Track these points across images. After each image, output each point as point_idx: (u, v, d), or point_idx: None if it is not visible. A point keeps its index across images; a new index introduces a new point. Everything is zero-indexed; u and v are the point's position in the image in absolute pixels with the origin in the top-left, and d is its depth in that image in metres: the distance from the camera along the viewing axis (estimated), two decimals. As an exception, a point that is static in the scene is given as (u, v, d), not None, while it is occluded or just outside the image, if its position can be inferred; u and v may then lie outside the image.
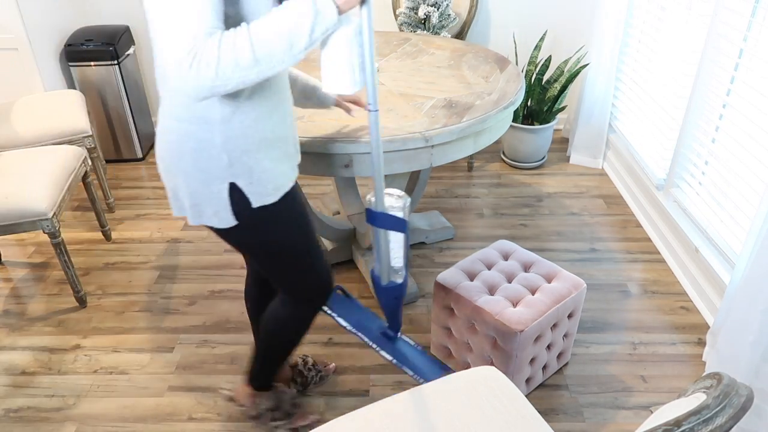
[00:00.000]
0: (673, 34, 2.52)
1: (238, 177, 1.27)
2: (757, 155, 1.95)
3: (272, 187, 1.32)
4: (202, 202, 1.31)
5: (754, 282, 1.68)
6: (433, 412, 1.30)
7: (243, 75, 1.08)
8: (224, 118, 1.22)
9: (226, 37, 1.06)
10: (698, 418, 0.81)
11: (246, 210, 1.31)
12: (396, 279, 1.61)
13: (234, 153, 1.25)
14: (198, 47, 1.04)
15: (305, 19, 1.09)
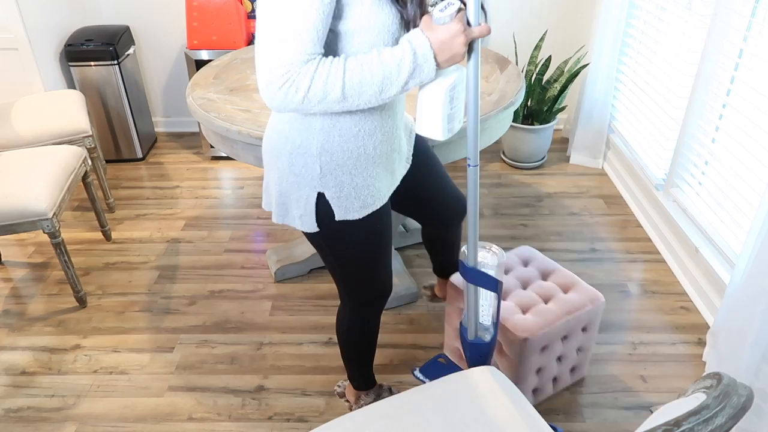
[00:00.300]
0: (673, 34, 2.52)
1: (327, 188, 1.28)
2: (757, 155, 1.95)
3: (359, 205, 1.32)
4: (290, 203, 1.33)
5: (754, 282, 1.68)
6: (433, 412, 1.30)
7: (328, 107, 1.12)
8: (324, 129, 1.22)
9: (321, 67, 1.07)
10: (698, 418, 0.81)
11: (328, 220, 1.33)
12: (483, 336, 1.54)
13: (328, 165, 1.25)
14: (292, 72, 1.06)
15: (402, 71, 1.09)
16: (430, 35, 1.09)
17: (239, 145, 1.82)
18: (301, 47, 1.05)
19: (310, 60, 1.07)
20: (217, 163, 3.37)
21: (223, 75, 2.16)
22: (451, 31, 1.08)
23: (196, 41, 3.05)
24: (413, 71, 1.10)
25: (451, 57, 1.10)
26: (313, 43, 1.06)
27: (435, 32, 1.08)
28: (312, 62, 1.07)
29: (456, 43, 1.08)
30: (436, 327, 2.18)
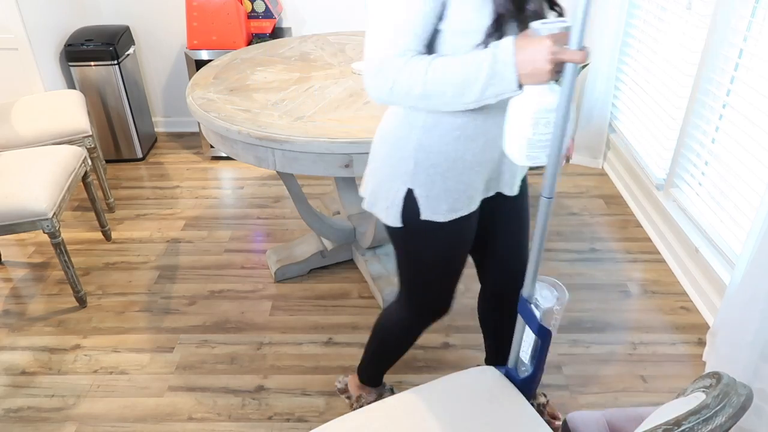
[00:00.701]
0: (673, 34, 2.52)
1: (417, 185, 1.27)
2: (757, 155, 1.95)
3: (446, 208, 1.29)
4: (380, 193, 1.33)
5: (753, 282, 1.68)
6: (432, 412, 1.30)
7: (413, 102, 1.12)
8: (425, 127, 1.21)
9: (410, 63, 1.08)
10: (698, 418, 0.81)
11: (413, 217, 1.31)
12: (520, 370, 1.44)
13: (422, 163, 1.24)
14: (385, 63, 1.09)
15: (480, 75, 1.04)
16: (518, 43, 1.02)
17: (239, 145, 1.82)
18: (396, 41, 1.08)
19: (401, 54, 1.08)
20: (217, 163, 3.37)
21: (223, 75, 2.16)
22: (537, 44, 1.00)
23: (196, 41, 3.05)
24: (491, 77, 1.04)
25: (532, 72, 1.01)
26: (410, 40, 1.08)
27: (523, 42, 1.02)
28: (404, 57, 1.08)
29: (539, 58, 0.99)
30: (436, 327, 2.18)
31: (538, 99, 1.04)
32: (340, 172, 1.77)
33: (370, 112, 1.86)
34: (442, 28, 1.11)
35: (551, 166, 1.14)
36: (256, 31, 3.16)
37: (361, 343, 2.11)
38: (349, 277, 2.45)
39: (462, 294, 2.34)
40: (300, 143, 1.70)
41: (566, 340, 2.11)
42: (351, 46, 2.46)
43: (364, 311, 2.26)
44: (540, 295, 1.34)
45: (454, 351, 2.08)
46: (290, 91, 2.02)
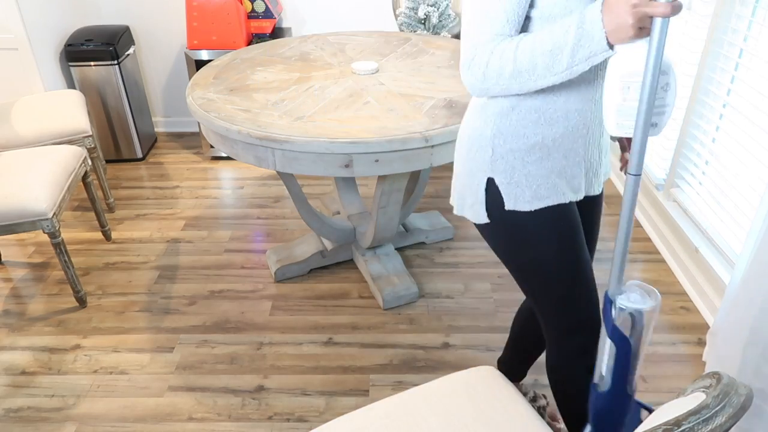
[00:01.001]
0: (673, 34, 2.52)
1: (497, 173, 1.23)
2: (757, 155, 1.95)
3: (530, 195, 1.23)
4: (465, 191, 1.31)
5: (753, 282, 1.68)
6: (432, 412, 1.30)
7: (505, 84, 1.10)
8: (501, 112, 1.20)
9: (501, 46, 1.08)
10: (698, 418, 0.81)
11: (498, 210, 1.25)
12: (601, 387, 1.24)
13: (500, 149, 1.22)
14: (478, 51, 1.09)
15: (568, 38, 1.00)
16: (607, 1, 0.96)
17: (239, 145, 1.82)
18: (488, 28, 1.08)
19: (495, 39, 1.09)
20: (217, 163, 3.37)
21: (223, 75, 2.17)
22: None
23: (196, 41, 3.06)
24: (580, 37, 0.99)
25: (616, 28, 0.94)
26: (502, 25, 1.08)
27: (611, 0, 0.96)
28: (495, 41, 1.08)
29: (622, 11, 0.93)
30: (436, 327, 2.18)
31: (628, 60, 0.98)
32: (340, 172, 1.77)
33: (370, 112, 1.87)
34: (533, 15, 1.11)
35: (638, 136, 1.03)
36: (256, 31, 3.16)
37: (361, 343, 2.11)
38: (349, 277, 2.45)
39: (462, 294, 2.34)
40: (300, 143, 1.71)
41: (566, 340, 2.11)
42: (351, 46, 2.46)
43: (364, 311, 2.26)
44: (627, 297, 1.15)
45: (454, 351, 2.08)
46: (290, 91, 2.02)
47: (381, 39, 2.56)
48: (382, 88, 2.05)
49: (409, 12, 3.11)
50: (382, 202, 2.12)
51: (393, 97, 1.97)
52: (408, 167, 1.80)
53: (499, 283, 2.39)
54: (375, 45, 2.48)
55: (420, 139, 1.72)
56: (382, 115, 1.84)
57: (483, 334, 2.15)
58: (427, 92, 2.00)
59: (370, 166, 1.76)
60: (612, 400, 1.24)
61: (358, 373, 2.00)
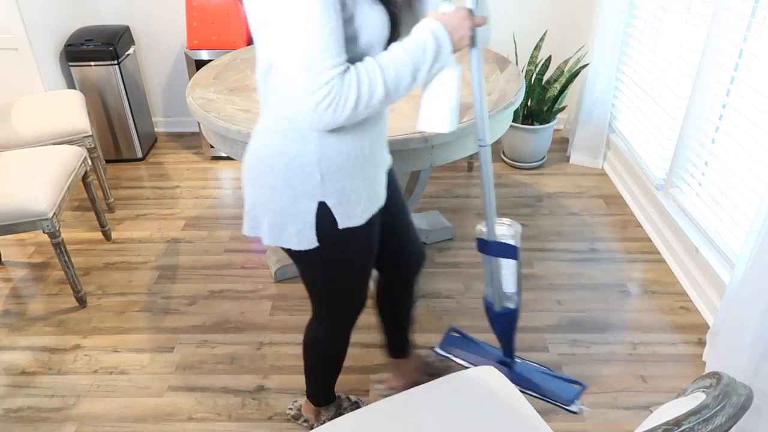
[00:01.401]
0: (673, 34, 2.52)
1: (328, 196, 1.23)
2: (757, 155, 1.95)
3: (361, 209, 1.27)
4: (286, 220, 1.26)
5: (753, 282, 1.68)
6: (432, 412, 1.30)
7: (372, 109, 1.12)
8: (321, 134, 1.18)
9: (360, 74, 1.07)
10: (698, 418, 0.81)
11: (330, 230, 1.27)
12: (509, 304, 1.65)
13: (328, 170, 1.21)
14: (334, 88, 1.05)
15: (428, 54, 1.13)
16: (442, 19, 1.15)
17: (239, 145, 1.82)
18: (333, 60, 1.04)
19: (345, 70, 1.06)
20: (217, 163, 3.37)
21: (223, 75, 2.16)
22: (459, 14, 1.18)
23: (196, 41, 3.06)
24: (437, 52, 1.14)
25: (461, 38, 1.18)
26: (340, 52, 1.05)
27: (445, 17, 1.16)
28: (348, 72, 1.06)
29: (464, 25, 1.17)
30: (436, 327, 2.18)
31: (456, 69, 1.20)
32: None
33: (370, 112, 1.86)
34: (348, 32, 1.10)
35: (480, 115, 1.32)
36: (256, 31, 3.16)
37: (361, 343, 2.11)
38: (349, 277, 2.45)
39: (462, 294, 2.34)
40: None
41: (566, 340, 2.11)
42: (351, 46, 2.45)
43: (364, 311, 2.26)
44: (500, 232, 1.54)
45: (454, 351, 2.08)
46: (290, 91, 2.02)
47: (381, 39, 2.56)
48: (382, 88, 2.04)
49: (409, 12, 3.11)
50: (382, 202, 2.12)
51: (393, 97, 1.97)
52: (408, 167, 1.80)
53: (499, 283, 2.39)
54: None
55: (420, 139, 1.72)
56: (382, 115, 1.84)
57: (483, 334, 2.14)
58: (427, 92, 2.00)
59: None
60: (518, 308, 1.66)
61: (358, 373, 2.00)
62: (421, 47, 1.13)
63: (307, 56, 1.03)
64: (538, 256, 2.55)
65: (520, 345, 2.09)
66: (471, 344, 1.98)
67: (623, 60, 3.00)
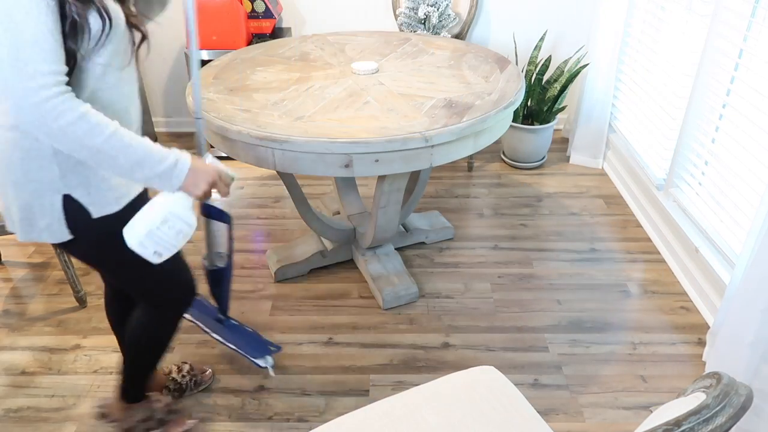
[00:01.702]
0: (672, 34, 2.52)
1: (73, 188, 1.22)
2: (757, 155, 1.95)
3: (114, 197, 1.27)
4: (34, 214, 1.24)
5: (753, 282, 1.68)
6: (432, 412, 1.30)
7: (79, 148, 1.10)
8: None
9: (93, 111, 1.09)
10: (698, 418, 0.81)
11: (84, 221, 1.26)
12: (219, 263, 1.84)
13: (66, 163, 1.20)
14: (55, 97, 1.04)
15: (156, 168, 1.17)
16: (194, 161, 1.23)
17: (239, 145, 1.82)
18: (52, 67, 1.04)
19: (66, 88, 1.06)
20: (217, 163, 3.36)
21: (223, 75, 2.16)
22: (209, 170, 1.25)
23: (196, 41, 3.05)
24: (164, 174, 1.18)
25: (194, 185, 1.22)
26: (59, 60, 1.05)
27: (198, 162, 1.24)
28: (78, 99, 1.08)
29: (203, 178, 1.24)
30: (436, 327, 2.18)
31: (179, 204, 1.23)
32: (340, 172, 1.77)
33: (370, 112, 1.87)
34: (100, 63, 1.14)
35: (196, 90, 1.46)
36: (256, 31, 3.16)
37: (361, 343, 2.11)
38: (349, 277, 2.45)
39: (462, 294, 2.34)
40: (300, 143, 1.71)
41: (566, 340, 2.12)
42: (351, 46, 2.46)
43: (364, 311, 2.26)
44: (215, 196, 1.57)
45: (454, 351, 2.08)
46: (290, 91, 2.02)
47: (381, 39, 2.56)
48: (382, 88, 2.05)
49: (409, 12, 3.11)
50: (382, 202, 2.13)
51: (393, 97, 1.97)
52: (408, 167, 1.80)
53: (499, 283, 2.39)
54: (375, 45, 2.48)
55: (420, 139, 1.72)
56: (382, 115, 1.84)
57: (483, 334, 2.15)
58: (426, 92, 2.00)
59: (370, 166, 1.76)
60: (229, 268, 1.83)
61: (358, 373, 2.00)
62: (160, 157, 1.17)
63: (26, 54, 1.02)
64: (538, 256, 2.55)
65: (519, 344, 2.09)
66: (199, 305, 2.02)
67: (623, 60, 3.00)
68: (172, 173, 1.19)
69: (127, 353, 1.62)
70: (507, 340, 2.12)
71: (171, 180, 1.20)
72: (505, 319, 2.22)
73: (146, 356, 1.61)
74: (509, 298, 2.32)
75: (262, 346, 1.90)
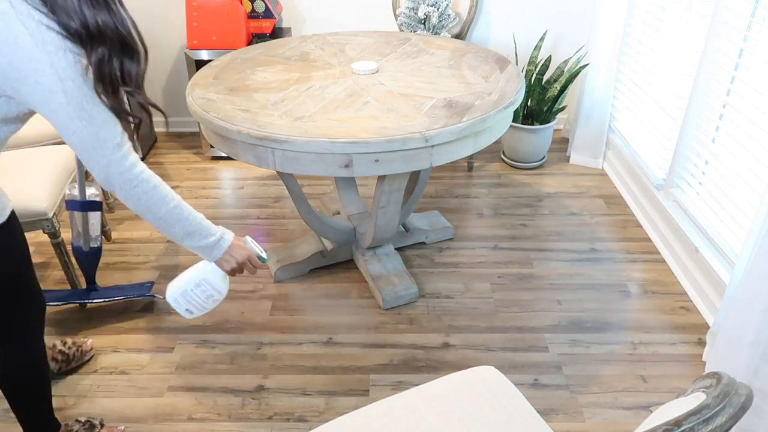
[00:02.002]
0: (673, 34, 2.52)
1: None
2: (757, 155, 1.95)
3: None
4: None
5: (753, 282, 1.68)
6: (432, 412, 1.30)
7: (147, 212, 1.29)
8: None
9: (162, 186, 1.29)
10: (698, 418, 0.81)
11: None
12: (94, 245, 2.15)
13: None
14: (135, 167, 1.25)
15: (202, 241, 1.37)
16: (235, 241, 1.45)
17: (239, 145, 1.82)
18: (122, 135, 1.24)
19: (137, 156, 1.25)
20: (217, 163, 3.37)
21: (223, 75, 2.16)
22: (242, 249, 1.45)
23: (196, 41, 3.05)
24: (208, 247, 1.39)
25: (227, 261, 1.43)
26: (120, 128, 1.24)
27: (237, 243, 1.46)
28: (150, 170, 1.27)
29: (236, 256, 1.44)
30: (436, 327, 2.18)
31: (213, 273, 1.44)
32: (340, 172, 1.77)
33: (370, 112, 1.87)
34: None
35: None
36: (256, 31, 3.16)
37: (361, 343, 2.11)
38: (349, 277, 2.45)
39: (462, 294, 2.34)
40: (300, 143, 1.71)
41: (566, 340, 2.12)
42: (351, 46, 2.46)
43: (364, 311, 2.26)
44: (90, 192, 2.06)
45: (454, 351, 2.08)
46: (290, 91, 2.02)
47: (381, 39, 2.56)
48: (382, 88, 2.05)
49: (409, 12, 3.11)
50: (382, 202, 2.13)
51: (393, 97, 1.97)
52: (408, 167, 1.80)
53: (499, 283, 2.39)
54: (375, 45, 2.48)
55: (420, 139, 1.72)
56: (382, 115, 1.84)
57: (483, 334, 2.15)
58: (426, 92, 2.00)
59: (370, 166, 1.76)
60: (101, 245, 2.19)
61: (358, 373, 2.00)
62: (207, 233, 1.38)
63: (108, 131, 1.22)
64: (538, 256, 2.55)
65: (519, 344, 2.09)
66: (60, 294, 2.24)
67: (623, 60, 3.00)
68: (214, 247, 1.39)
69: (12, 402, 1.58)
70: (507, 340, 2.12)
71: (212, 252, 1.40)
72: (505, 319, 2.22)
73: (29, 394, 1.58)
74: (509, 298, 2.32)
75: (139, 287, 2.27)
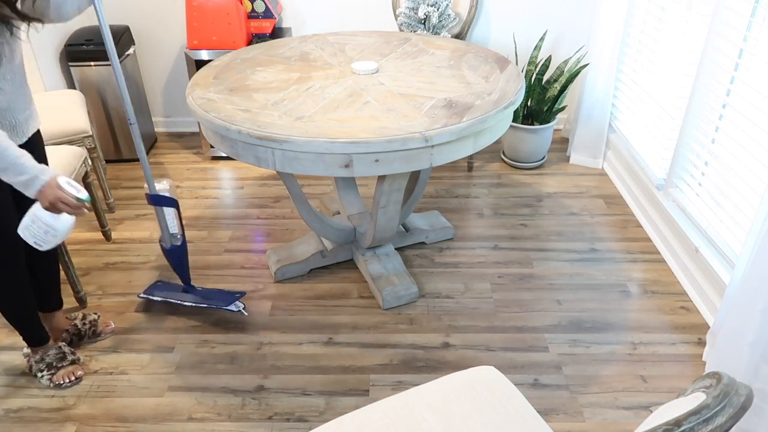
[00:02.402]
0: (673, 34, 2.52)
1: None
2: (757, 155, 1.95)
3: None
4: None
5: (753, 282, 1.68)
6: (432, 412, 1.30)
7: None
8: None
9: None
10: (698, 418, 0.81)
11: None
12: (175, 242, 2.13)
13: None
14: None
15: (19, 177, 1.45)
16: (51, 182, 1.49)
17: (239, 145, 1.82)
18: None
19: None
20: (217, 163, 3.37)
21: (223, 75, 2.16)
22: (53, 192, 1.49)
23: (196, 41, 3.06)
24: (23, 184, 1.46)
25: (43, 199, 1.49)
26: None
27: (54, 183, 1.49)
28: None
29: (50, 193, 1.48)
30: (436, 327, 2.18)
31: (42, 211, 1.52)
32: (340, 172, 1.77)
33: (370, 112, 1.87)
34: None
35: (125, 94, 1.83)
36: (256, 31, 3.16)
37: (361, 343, 2.11)
38: (349, 277, 2.45)
39: (462, 294, 2.34)
40: (300, 143, 1.71)
41: (566, 340, 2.12)
42: (351, 46, 2.46)
43: (364, 311, 2.26)
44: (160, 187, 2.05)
45: (454, 351, 2.08)
46: (290, 91, 2.02)
47: (381, 39, 2.56)
48: (382, 88, 2.05)
49: (409, 12, 3.11)
50: (382, 202, 2.13)
51: (393, 97, 1.97)
52: (408, 167, 1.80)
53: (499, 283, 2.40)
54: (375, 45, 2.48)
55: (420, 139, 1.72)
56: (382, 115, 1.84)
57: (483, 334, 2.15)
58: (426, 92, 2.00)
59: (370, 166, 1.76)
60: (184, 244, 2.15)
61: (358, 373, 2.00)
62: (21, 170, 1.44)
63: None
64: (538, 256, 2.55)
65: (519, 344, 2.09)
66: (166, 285, 2.33)
67: (623, 60, 3.00)
68: (28, 185, 1.47)
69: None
70: (507, 340, 2.12)
71: (27, 190, 1.48)
72: (505, 319, 2.22)
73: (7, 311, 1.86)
74: (509, 298, 2.32)
75: (228, 296, 2.22)
